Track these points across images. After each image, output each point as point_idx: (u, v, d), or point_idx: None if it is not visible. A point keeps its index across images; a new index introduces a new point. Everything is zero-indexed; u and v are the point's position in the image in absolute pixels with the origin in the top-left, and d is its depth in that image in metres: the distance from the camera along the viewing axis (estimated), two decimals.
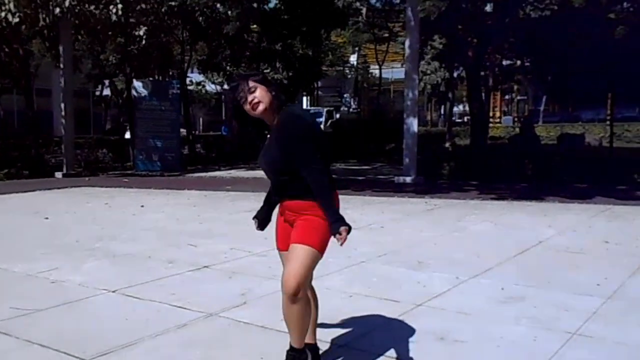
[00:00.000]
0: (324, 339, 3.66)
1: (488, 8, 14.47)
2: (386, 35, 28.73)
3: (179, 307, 4.37)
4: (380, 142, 22.10)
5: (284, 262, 3.06)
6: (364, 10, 26.89)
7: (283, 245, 3.09)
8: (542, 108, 38.54)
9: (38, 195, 11.35)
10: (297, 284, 2.76)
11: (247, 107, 2.87)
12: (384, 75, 34.86)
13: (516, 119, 39.39)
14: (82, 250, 6.34)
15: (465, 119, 36.33)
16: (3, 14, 12.44)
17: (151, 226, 7.90)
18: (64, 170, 15.49)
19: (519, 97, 45.93)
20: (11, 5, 12.40)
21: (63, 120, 16.27)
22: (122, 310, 4.36)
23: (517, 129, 25.53)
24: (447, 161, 14.89)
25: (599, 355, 3.42)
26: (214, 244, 6.64)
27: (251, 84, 2.86)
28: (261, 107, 2.85)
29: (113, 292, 4.79)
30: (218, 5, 22.57)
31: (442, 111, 41.19)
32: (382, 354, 3.43)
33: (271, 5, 23.53)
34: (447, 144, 23.97)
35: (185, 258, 5.93)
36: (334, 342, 3.63)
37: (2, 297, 4.58)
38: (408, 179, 12.77)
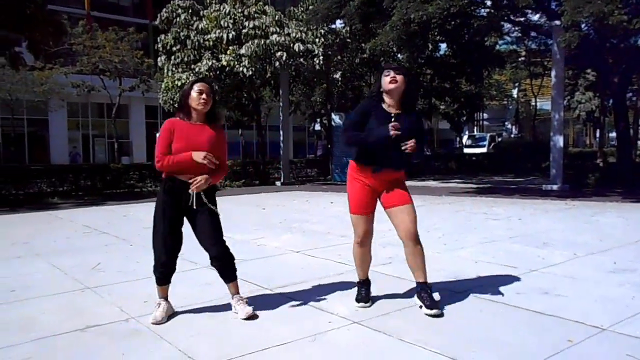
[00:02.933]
0: (450, 288, 3.60)
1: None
2: (540, 71, 26.76)
3: (341, 262, 4.62)
4: (537, 161, 20.45)
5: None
6: (523, 52, 25.38)
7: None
8: None
9: (261, 196, 12.64)
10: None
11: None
12: (545, 107, 32.25)
13: None
14: (282, 228, 6.95)
15: None
16: (241, 68, 14.20)
17: (335, 214, 8.32)
18: (282, 180, 17.01)
19: None
20: (245, 62, 14.11)
21: (282, 145, 17.90)
22: (301, 263, 4.74)
23: None
24: (592, 173, 13.33)
25: None
26: (376, 226, 6.72)
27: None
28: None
29: (297, 252, 5.22)
30: (399, 55, 23.06)
31: (598, 135, 36.77)
32: (488, 299, 3.28)
33: (441, 52, 23.51)
34: (598, 161, 21.38)
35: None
36: (452, 290, 3.55)
37: None
38: (555, 187, 11.67)
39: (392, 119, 3.07)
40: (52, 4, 19.66)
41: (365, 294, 3.35)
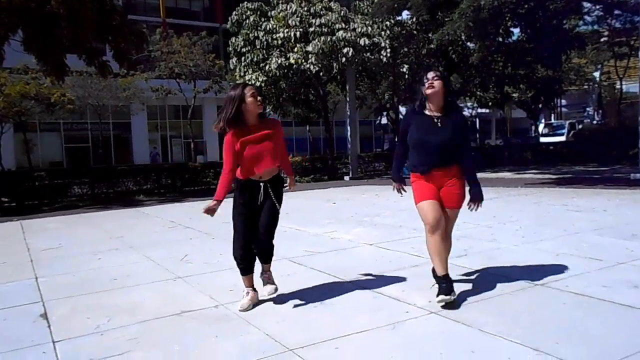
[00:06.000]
0: (531, 280, 3.55)
1: None
2: (626, 51, 24.81)
3: (415, 255, 4.65)
4: (624, 148, 19.02)
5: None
6: (605, 32, 23.70)
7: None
8: None
9: (331, 190, 12.84)
10: None
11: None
12: (632, 90, 29.81)
13: None
14: (354, 222, 7.07)
15: None
16: (308, 65, 14.46)
17: (406, 208, 8.24)
18: (350, 175, 17.13)
19: None
20: (313, 59, 14.35)
21: (349, 139, 18.02)
22: (375, 255, 4.84)
23: None
24: None
25: None
26: (457, 219, 6.71)
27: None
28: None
29: (370, 245, 5.32)
30: (469, 43, 22.35)
31: None
32: (572, 292, 3.19)
33: (514, 38, 22.56)
34: None
35: None
36: (533, 282, 3.50)
37: (300, 244, 5.47)
38: None
39: (436, 121, 3.30)
40: (132, 15, 21.10)
41: (446, 288, 3.20)
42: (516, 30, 22.57)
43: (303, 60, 14.77)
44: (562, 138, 27.80)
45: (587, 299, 3.12)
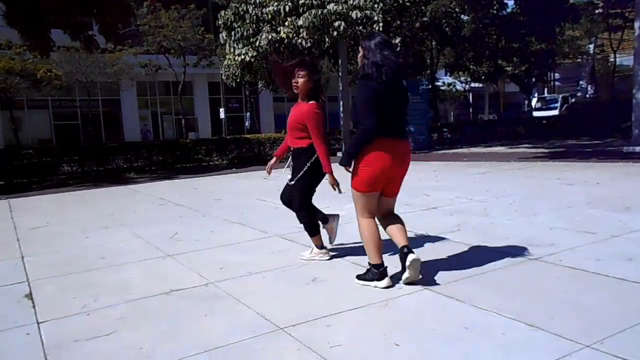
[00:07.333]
0: (525, 255, 3.52)
1: None
2: (620, 23, 24.57)
3: (409, 230, 4.58)
4: (616, 121, 18.99)
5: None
6: (600, 4, 23.42)
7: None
8: None
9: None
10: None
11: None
12: (625, 63, 29.59)
13: None
14: (346, 197, 6.94)
15: None
16: (299, 40, 14.16)
17: None
18: (343, 151, 17.00)
19: None
20: (304, 33, 14.04)
21: (342, 115, 17.83)
22: None
23: None
24: None
25: None
26: (443, 194, 6.68)
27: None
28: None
29: None
30: (463, 16, 22.01)
31: None
32: (565, 266, 3.16)
33: (508, 10, 22.24)
34: None
35: (419, 203, 6.13)
36: (527, 256, 3.46)
37: (292, 221, 5.35)
38: (637, 148, 10.75)
39: None
40: None
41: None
42: (510, 3, 22.31)
43: (294, 35, 14.45)
44: (555, 112, 27.74)
45: (581, 273, 3.08)
